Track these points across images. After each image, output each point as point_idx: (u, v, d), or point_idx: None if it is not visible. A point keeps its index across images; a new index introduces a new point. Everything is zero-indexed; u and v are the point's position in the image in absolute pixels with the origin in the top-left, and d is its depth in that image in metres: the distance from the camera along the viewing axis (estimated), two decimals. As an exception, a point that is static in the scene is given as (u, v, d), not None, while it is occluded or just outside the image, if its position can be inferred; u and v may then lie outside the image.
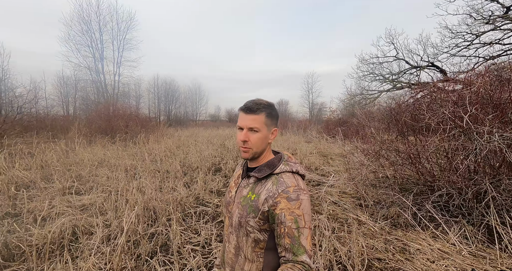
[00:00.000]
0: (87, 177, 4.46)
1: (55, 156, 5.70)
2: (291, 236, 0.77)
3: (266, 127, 0.87)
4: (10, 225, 2.47)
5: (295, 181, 0.84)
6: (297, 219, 0.78)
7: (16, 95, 13.30)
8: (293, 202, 0.79)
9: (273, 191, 0.82)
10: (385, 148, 4.13)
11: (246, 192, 0.89)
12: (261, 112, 0.86)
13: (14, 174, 4.28)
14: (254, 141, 0.86)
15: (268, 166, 0.89)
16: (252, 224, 0.83)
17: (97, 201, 3.22)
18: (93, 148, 7.08)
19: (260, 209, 0.82)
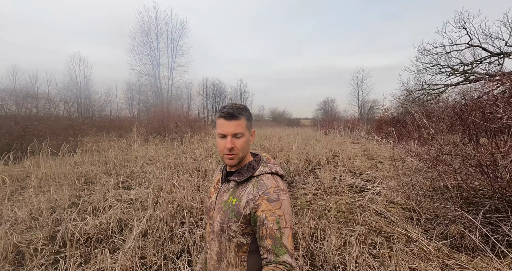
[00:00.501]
0: (137, 173, 4.96)
1: (116, 153, 6.54)
2: (272, 236, 0.77)
3: (247, 130, 0.88)
4: (72, 214, 2.89)
5: (275, 182, 0.85)
6: (278, 219, 0.79)
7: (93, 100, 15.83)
8: (273, 203, 0.80)
9: (254, 193, 0.82)
10: (446, 152, 3.47)
11: (226, 197, 0.89)
12: (242, 116, 0.86)
13: (83, 168, 5.05)
14: (240, 146, 0.85)
15: (248, 168, 0.89)
16: (234, 229, 0.83)
17: (142, 196, 3.53)
18: (147, 147, 7.90)
19: (241, 213, 0.82)
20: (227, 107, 0.86)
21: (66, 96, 12.30)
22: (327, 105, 34.47)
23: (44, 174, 4.73)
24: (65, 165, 5.38)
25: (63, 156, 6.08)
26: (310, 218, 3.28)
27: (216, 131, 0.87)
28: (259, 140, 10.99)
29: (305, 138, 11.69)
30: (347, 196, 4.28)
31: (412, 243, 2.70)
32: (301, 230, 2.87)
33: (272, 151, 7.71)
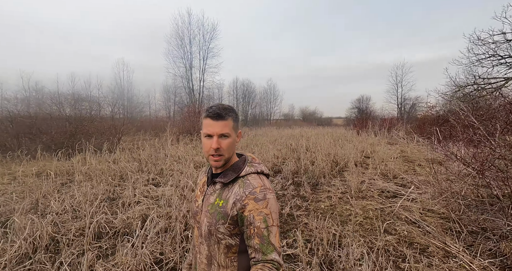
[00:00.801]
0: (166, 171, 5.24)
1: (149, 152, 7.01)
2: (260, 235, 0.78)
3: (234, 131, 0.88)
4: (104, 207, 3.15)
5: (261, 181, 0.86)
6: (265, 218, 0.79)
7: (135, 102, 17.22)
8: (260, 202, 0.80)
9: (240, 193, 0.82)
10: (499, 155, 2.99)
11: (213, 199, 0.88)
12: (229, 117, 0.85)
13: (120, 166, 5.50)
14: (226, 147, 0.85)
15: (233, 169, 0.89)
16: (222, 231, 0.83)
17: (167, 193, 3.71)
18: (177, 145, 8.32)
19: (229, 214, 0.82)
20: (214, 107, 0.85)
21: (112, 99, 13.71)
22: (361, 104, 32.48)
23: (87, 169, 5.27)
24: (104, 162, 5.92)
25: (104, 154, 6.71)
26: (331, 223, 3.10)
27: (202, 132, 0.86)
28: (286, 139, 10.82)
29: (335, 137, 11.18)
30: (376, 201, 3.96)
31: (450, 259, 2.38)
32: (320, 235, 2.73)
33: (297, 151, 7.51)
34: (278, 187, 4.90)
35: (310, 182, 5.23)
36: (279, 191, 4.75)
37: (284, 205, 3.96)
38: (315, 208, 3.91)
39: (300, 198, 4.31)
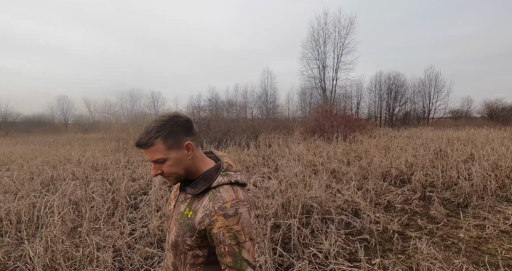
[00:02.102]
0: (281, 167, 5.83)
1: (273, 149, 8.00)
2: (232, 253, 0.75)
3: (172, 151, 0.78)
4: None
5: (233, 194, 0.79)
6: (236, 235, 0.75)
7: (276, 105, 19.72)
8: (231, 218, 0.75)
9: (210, 208, 0.77)
10: None
11: (183, 208, 0.85)
12: (155, 140, 0.76)
13: (250, 159, 6.76)
14: (167, 170, 0.79)
15: (205, 178, 0.83)
16: (189, 243, 0.81)
17: (273, 187, 4.22)
18: (300, 145, 8.82)
19: (196, 228, 0.78)
20: (139, 136, 0.79)
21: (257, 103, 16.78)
22: None
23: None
24: (239, 155, 7.48)
25: (242, 148, 8.45)
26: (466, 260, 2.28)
27: None
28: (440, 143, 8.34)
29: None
30: None
31: None
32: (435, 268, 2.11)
33: (446, 159, 5.66)
34: (399, 199, 4.09)
35: (454, 201, 3.92)
36: (398, 204, 3.95)
37: (396, 219, 3.31)
38: (447, 235, 2.96)
39: (426, 218, 3.40)
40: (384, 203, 4.07)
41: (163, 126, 0.77)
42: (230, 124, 10.80)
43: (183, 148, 0.80)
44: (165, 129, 0.76)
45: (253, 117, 12.79)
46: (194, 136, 0.83)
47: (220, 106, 12.99)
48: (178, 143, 0.78)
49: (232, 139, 9.30)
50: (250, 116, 17.60)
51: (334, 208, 3.68)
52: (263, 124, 12.33)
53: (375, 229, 3.17)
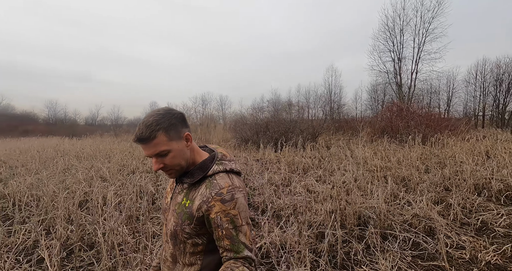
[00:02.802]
0: (336, 171, 5.31)
1: (333, 150, 7.41)
2: (229, 237, 0.77)
3: (174, 142, 0.79)
4: (278, 191, 4.02)
5: (229, 180, 0.82)
6: (233, 218, 0.77)
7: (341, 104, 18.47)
8: (227, 203, 0.77)
9: (207, 195, 0.79)
10: None
11: (180, 199, 0.87)
12: (156, 133, 0.76)
13: (299, 160, 6.45)
14: (170, 162, 0.80)
15: (201, 168, 0.85)
16: (188, 231, 0.82)
17: (325, 192, 3.86)
18: (363, 146, 7.87)
19: (194, 215, 0.80)
20: (137, 131, 0.78)
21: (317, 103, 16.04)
22: None
23: (278, 159, 6.80)
24: (294, 156, 7.23)
25: (298, 149, 8.16)
26: None
27: None
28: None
29: None
30: None
31: None
32: None
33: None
34: (503, 222, 3.11)
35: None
36: (500, 227, 3.00)
37: (494, 247, 2.50)
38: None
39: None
40: (476, 223, 3.16)
41: (162, 119, 0.78)
42: (288, 125, 10.63)
43: (183, 139, 0.82)
44: (165, 122, 0.78)
45: (314, 117, 12.21)
46: (188, 127, 0.86)
47: (279, 107, 12.96)
48: (178, 134, 0.81)
49: (290, 140, 9.12)
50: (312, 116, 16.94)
51: (399, 222, 3.08)
52: (324, 125, 11.63)
53: (458, 256, 2.48)
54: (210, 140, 11.14)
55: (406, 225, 3.06)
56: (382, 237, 2.86)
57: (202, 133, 12.09)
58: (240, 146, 10.31)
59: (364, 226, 3.07)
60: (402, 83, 19.61)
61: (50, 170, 6.03)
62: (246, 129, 11.12)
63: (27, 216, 3.44)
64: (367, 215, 3.20)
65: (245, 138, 10.89)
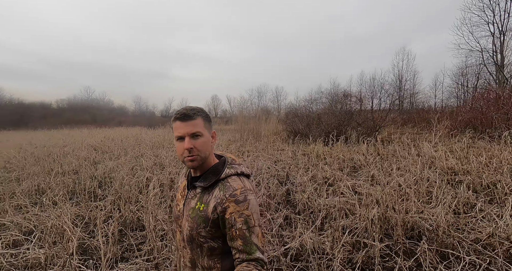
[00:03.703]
0: (395, 171, 4.62)
1: (394, 148, 6.49)
2: (242, 237, 0.79)
3: (206, 130, 0.88)
4: (320, 190, 3.80)
5: (241, 183, 0.86)
6: (246, 219, 0.80)
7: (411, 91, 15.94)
8: (241, 204, 0.81)
9: (221, 197, 0.83)
10: None
11: (194, 203, 0.89)
12: (198, 116, 0.86)
13: (349, 156, 5.87)
14: (199, 146, 0.84)
15: (213, 172, 0.89)
16: (204, 234, 0.85)
17: (370, 192, 3.42)
18: (436, 144, 6.59)
19: (210, 218, 0.83)
20: (181, 109, 0.86)
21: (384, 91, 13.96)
22: None
23: (333, 155, 6.35)
24: (343, 152, 6.64)
25: (350, 143, 7.46)
26: None
27: (174, 136, 0.88)
28: None
29: None
30: None
31: None
32: None
33: None
34: None
35: None
36: None
37: None
38: None
39: None
40: None
41: (202, 110, 0.90)
42: (342, 118, 9.81)
43: (211, 134, 0.91)
44: (204, 112, 0.90)
45: (377, 108, 10.91)
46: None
47: (334, 98, 12.04)
48: (209, 128, 0.91)
49: (343, 134, 8.43)
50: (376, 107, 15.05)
51: (466, 241, 2.49)
52: (387, 117, 10.24)
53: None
54: (261, 132, 11.29)
55: (478, 246, 2.45)
56: (441, 256, 2.37)
57: (255, 125, 12.35)
58: (288, 139, 10.13)
59: (417, 240, 2.61)
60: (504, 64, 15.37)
61: (127, 156, 7.24)
62: (297, 121, 10.81)
63: (105, 195, 4.24)
64: (423, 226, 2.70)
65: (295, 130, 10.62)
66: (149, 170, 5.23)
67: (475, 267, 2.21)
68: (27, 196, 4.11)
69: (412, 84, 25.83)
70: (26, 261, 2.25)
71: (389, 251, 2.46)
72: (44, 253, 2.22)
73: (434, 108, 17.82)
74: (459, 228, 2.76)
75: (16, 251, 2.33)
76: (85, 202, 3.76)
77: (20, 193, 4.06)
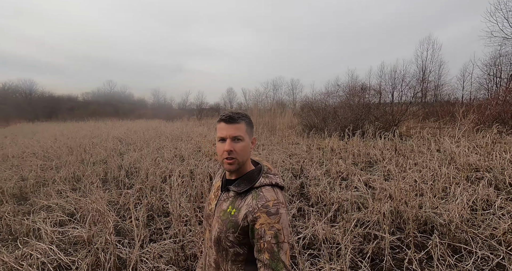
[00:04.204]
0: (412, 166, 4.57)
1: (413, 142, 6.34)
2: (270, 251, 0.77)
3: (247, 135, 0.89)
4: (334, 184, 3.88)
5: (274, 195, 0.84)
6: (276, 233, 0.78)
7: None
8: (272, 216, 0.79)
9: (253, 206, 0.82)
10: None
11: (226, 206, 0.89)
12: (242, 120, 0.88)
13: (365, 151, 5.82)
14: (239, 150, 0.86)
15: (248, 178, 0.89)
16: (231, 239, 0.85)
17: (383, 187, 3.46)
18: (459, 139, 6.34)
19: (239, 224, 0.83)
20: (227, 111, 0.89)
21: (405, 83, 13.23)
22: None
23: (349, 150, 6.34)
24: (360, 146, 6.58)
25: (366, 138, 7.36)
26: None
27: (216, 136, 0.90)
28: None
29: None
30: None
31: None
32: None
33: None
34: None
35: None
36: None
37: None
38: None
39: None
40: None
41: (247, 116, 0.92)
42: (359, 111, 9.61)
43: (250, 140, 0.91)
44: (248, 118, 0.92)
45: (397, 101, 10.57)
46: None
47: (351, 91, 11.76)
48: (251, 133, 0.92)
49: (359, 128, 8.31)
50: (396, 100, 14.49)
51: (481, 236, 2.51)
52: (407, 110, 9.88)
53: None
54: (276, 125, 11.36)
55: (493, 242, 2.46)
56: (453, 250, 2.42)
57: (270, 118, 12.43)
58: (303, 133, 10.13)
59: (429, 235, 2.66)
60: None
61: (149, 148, 7.68)
62: (312, 115, 10.75)
63: (132, 183, 4.61)
64: (436, 221, 2.74)
65: (311, 124, 10.58)
66: (170, 162, 5.56)
67: (487, 261, 2.24)
68: (65, 182, 4.57)
69: (437, 76, 24.41)
70: (71, 238, 2.60)
71: (400, 244, 2.54)
72: (86, 232, 2.54)
73: (461, 101, 16.83)
74: (475, 224, 2.77)
75: (63, 229, 2.69)
76: (115, 189, 4.13)
77: (59, 179, 4.53)
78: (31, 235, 2.71)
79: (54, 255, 2.22)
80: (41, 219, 2.75)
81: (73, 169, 5.23)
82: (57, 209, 3.27)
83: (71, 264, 2.18)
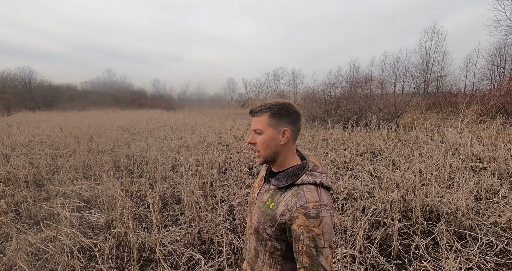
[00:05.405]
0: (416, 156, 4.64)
1: (415, 133, 6.39)
2: (309, 255, 0.73)
3: (271, 128, 0.83)
4: (337, 173, 3.95)
5: (317, 195, 0.76)
6: (315, 238, 0.73)
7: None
8: (312, 219, 0.73)
9: (292, 204, 0.76)
10: None
11: (266, 198, 0.87)
12: (264, 113, 0.83)
13: (366, 141, 5.88)
14: (259, 143, 0.84)
15: (290, 174, 0.83)
16: (269, 233, 0.82)
17: (389, 177, 3.54)
18: (463, 129, 6.39)
19: (277, 220, 0.80)
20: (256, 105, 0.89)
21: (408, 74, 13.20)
22: None
23: (353, 141, 6.40)
24: (364, 137, 6.63)
25: (369, 129, 7.40)
26: None
27: None
28: None
29: None
30: None
31: None
32: None
33: None
34: None
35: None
36: None
37: None
38: None
39: None
40: None
41: (275, 107, 0.84)
42: (362, 102, 9.60)
43: (279, 132, 0.84)
44: (275, 109, 0.84)
45: (399, 92, 10.53)
46: (295, 128, 0.87)
47: (354, 82, 11.68)
48: (278, 125, 0.84)
49: (363, 119, 8.34)
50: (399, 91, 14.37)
51: (485, 224, 2.60)
52: (410, 101, 9.87)
53: None
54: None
55: (497, 229, 2.56)
56: (458, 236, 2.52)
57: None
58: (306, 124, 10.15)
59: (435, 222, 2.76)
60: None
61: (154, 138, 7.74)
62: (315, 106, 10.73)
63: (142, 172, 4.69)
64: (442, 210, 2.83)
65: (314, 115, 10.58)
66: (177, 151, 5.63)
67: (492, 247, 2.35)
68: (76, 170, 4.65)
69: (441, 66, 24.13)
70: (90, 223, 2.70)
71: (407, 230, 2.64)
72: (103, 217, 2.63)
73: (463, 92, 16.75)
74: (479, 212, 2.86)
75: (81, 214, 2.78)
76: (126, 177, 4.22)
77: (70, 167, 4.61)
78: (51, 219, 2.81)
79: (76, 238, 2.31)
80: (59, 205, 2.83)
81: (82, 157, 5.31)
82: (73, 195, 3.36)
83: (93, 247, 2.28)
